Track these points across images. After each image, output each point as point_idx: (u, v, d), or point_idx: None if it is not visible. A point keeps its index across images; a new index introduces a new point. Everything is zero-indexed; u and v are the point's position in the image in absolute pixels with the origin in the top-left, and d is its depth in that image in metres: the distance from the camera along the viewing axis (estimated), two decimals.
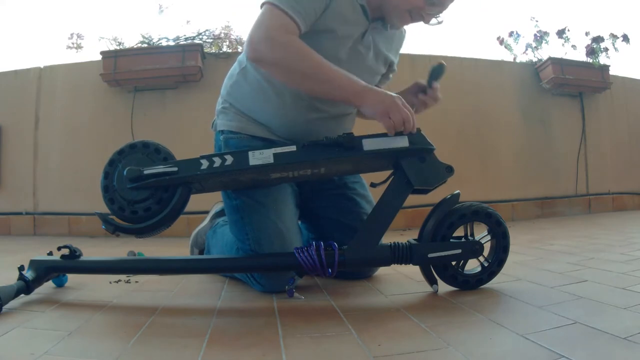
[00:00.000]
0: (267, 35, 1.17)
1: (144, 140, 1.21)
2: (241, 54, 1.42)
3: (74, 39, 3.14)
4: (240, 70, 1.38)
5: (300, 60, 1.17)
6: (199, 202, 1.53)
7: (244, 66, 1.37)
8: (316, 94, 1.25)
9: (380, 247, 1.16)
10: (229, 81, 1.41)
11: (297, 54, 1.17)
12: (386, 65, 1.44)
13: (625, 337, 0.78)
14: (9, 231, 2.99)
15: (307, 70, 1.17)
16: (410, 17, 1.30)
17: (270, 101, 1.31)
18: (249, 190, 1.28)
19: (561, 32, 3.41)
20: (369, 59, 1.35)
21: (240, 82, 1.37)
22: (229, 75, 1.44)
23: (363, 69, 1.33)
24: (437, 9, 1.27)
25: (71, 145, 3.00)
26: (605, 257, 1.59)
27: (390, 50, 1.42)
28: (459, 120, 3.22)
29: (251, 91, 1.34)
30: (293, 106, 1.30)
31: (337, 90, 1.19)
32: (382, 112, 1.16)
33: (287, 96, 1.30)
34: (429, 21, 1.30)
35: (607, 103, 3.70)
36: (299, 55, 1.17)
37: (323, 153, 1.16)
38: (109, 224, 1.15)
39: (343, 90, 1.18)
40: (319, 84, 1.19)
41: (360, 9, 1.28)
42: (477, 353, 0.76)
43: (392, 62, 1.46)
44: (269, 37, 1.17)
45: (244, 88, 1.36)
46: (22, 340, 0.86)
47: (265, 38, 1.17)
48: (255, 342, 0.86)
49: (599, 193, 3.61)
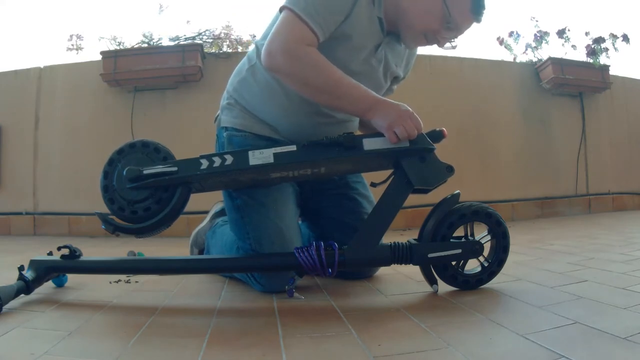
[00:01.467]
0: (285, 47, 1.16)
1: (144, 139, 1.21)
2: (250, 50, 1.40)
3: (73, 41, 3.14)
4: (249, 67, 1.35)
5: (316, 75, 1.17)
6: (198, 202, 1.53)
7: (253, 63, 1.34)
8: (328, 106, 1.26)
9: (380, 247, 1.16)
10: (237, 77, 1.39)
11: (314, 68, 1.17)
12: (391, 79, 1.43)
13: (625, 337, 0.78)
14: (9, 231, 2.99)
15: (322, 85, 1.18)
16: (426, 39, 1.29)
17: (278, 103, 1.30)
18: (250, 190, 1.28)
19: (561, 32, 3.41)
20: (379, 72, 1.34)
21: (249, 79, 1.35)
22: (236, 70, 1.42)
23: (371, 81, 1.31)
24: (453, 33, 1.26)
25: (71, 145, 3.00)
26: (605, 257, 1.59)
27: (399, 65, 1.41)
28: (459, 120, 3.23)
29: (259, 91, 1.32)
30: (301, 110, 1.30)
31: (350, 106, 1.21)
32: (388, 124, 1.15)
33: (295, 100, 1.28)
34: (443, 45, 1.29)
35: (607, 103, 3.70)
36: (315, 70, 1.17)
37: (323, 153, 1.16)
38: (108, 224, 1.15)
39: (355, 106, 1.20)
40: (333, 99, 1.20)
41: (377, 21, 1.27)
42: (477, 353, 0.76)
43: (398, 77, 1.44)
44: (286, 50, 1.16)
45: (252, 86, 1.34)
46: (22, 340, 0.86)
47: (282, 50, 1.16)
48: (255, 342, 0.86)
49: (599, 193, 3.61)
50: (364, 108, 1.19)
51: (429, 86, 3.17)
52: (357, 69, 1.27)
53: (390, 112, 1.16)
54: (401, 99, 1.38)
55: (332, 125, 1.34)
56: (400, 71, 1.43)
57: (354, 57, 1.27)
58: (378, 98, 1.19)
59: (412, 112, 1.17)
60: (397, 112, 1.16)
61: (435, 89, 3.20)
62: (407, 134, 1.14)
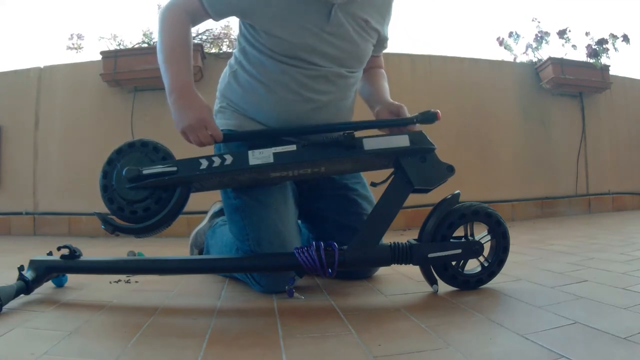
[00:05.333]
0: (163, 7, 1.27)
1: (143, 138, 1.21)
2: (231, 57, 1.44)
3: (74, 40, 3.13)
4: (230, 73, 1.41)
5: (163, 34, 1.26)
6: (198, 202, 1.53)
7: (234, 70, 1.39)
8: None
9: (380, 247, 1.16)
10: (222, 83, 1.45)
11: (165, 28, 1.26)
12: (373, 31, 1.36)
13: (625, 337, 0.78)
14: (9, 231, 2.99)
15: (160, 46, 1.25)
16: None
17: (263, 99, 1.33)
18: (249, 190, 1.28)
19: (562, 32, 3.41)
20: (349, 32, 1.30)
21: (232, 83, 1.39)
22: (222, 77, 1.47)
23: (347, 43, 1.30)
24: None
25: (71, 145, 3.00)
26: (605, 257, 1.59)
27: (371, 15, 1.34)
28: (459, 120, 3.22)
29: (243, 92, 1.36)
30: (285, 101, 1.31)
31: (163, 79, 1.25)
32: (181, 130, 1.20)
33: (278, 92, 1.31)
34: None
35: (607, 103, 3.70)
36: (164, 29, 1.26)
37: (323, 152, 1.16)
38: (108, 224, 1.14)
39: (165, 82, 1.24)
40: (160, 64, 1.26)
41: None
42: (477, 353, 0.76)
43: (378, 30, 1.38)
44: (162, 9, 1.27)
45: (237, 89, 1.38)
46: (22, 340, 0.86)
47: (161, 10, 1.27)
48: (255, 342, 0.86)
49: (599, 193, 3.61)
50: (167, 89, 1.24)
51: (429, 86, 3.17)
52: (315, 42, 1.26)
53: (186, 116, 1.19)
54: (402, 99, 1.38)
55: (320, 111, 1.33)
56: (375, 21, 1.35)
57: (306, 36, 1.26)
58: (183, 88, 1.22)
59: (209, 121, 1.20)
60: (193, 120, 1.18)
61: (435, 89, 3.19)
62: (201, 142, 1.20)
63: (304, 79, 1.30)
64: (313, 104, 1.32)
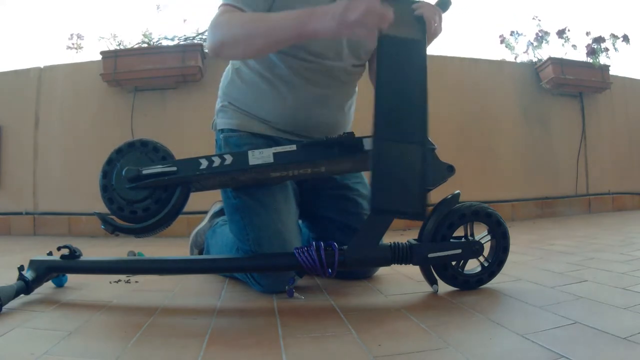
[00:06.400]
0: (210, 25, 1.22)
1: (142, 138, 1.21)
2: None
3: (74, 40, 3.13)
4: (233, 70, 1.40)
5: (237, 26, 1.19)
6: (198, 202, 1.53)
7: (237, 67, 1.39)
8: (271, 47, 1.22)
9: (380, 247, 1.15)
10: (225, 81, 1.44)
11: (233, 23, 1.20)
12: None
13: (625, 337, 0.78)
14: (9, 231, 2.99)
15: (249, 31, 1.17)
16: None
17: (267, 95, 1.33)
18: (249, 190, 1.28)
19: (561, 32, 3.41)
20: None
21: (236, 80, 1.39)
22: (224, 75, 1.47)
23: None
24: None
25: (71, 145, 2.99)
26: (605, 257, 1.59)
27: None
28: (459, 120, 3.22)
29: (247, 89, 1.36)
30: (289, 95, 1.31)
31: (287, 31, 1.14)
32: (338, 22, 1.04)
33: (281, 87, 1.31)
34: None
35: (607, 103, 3.70)
36: (233, 23, 1.20)
37: (323, 153, 1.16)
38: (108, 224, 1.15)
39: (288, 29, 1.13)
40: (267, 36, 1.16)
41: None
42: (477, 353, 0.76)
43: None
44: (211, 26, 1.22)
45: (240, 86, 1.38)
46: (22, 340, 0.86)
47: (209, 29, 1.22)
48: (255, 342, 0.86)
49: (599, 193, 3.60)
50: (302, 23, 1.10)
51: (429, 86, 3.16)
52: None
53: (331, 9, 1.06)
54: None
55: (325, 105, 1.34)
56: None
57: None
58: (311, 8, 1.12)
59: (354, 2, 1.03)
60: (337, 6, 1.05)
61: (435, 88, 3.17)
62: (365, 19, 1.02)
63: (308, 73, 1.31)
64: (316, 99, 1.33)
